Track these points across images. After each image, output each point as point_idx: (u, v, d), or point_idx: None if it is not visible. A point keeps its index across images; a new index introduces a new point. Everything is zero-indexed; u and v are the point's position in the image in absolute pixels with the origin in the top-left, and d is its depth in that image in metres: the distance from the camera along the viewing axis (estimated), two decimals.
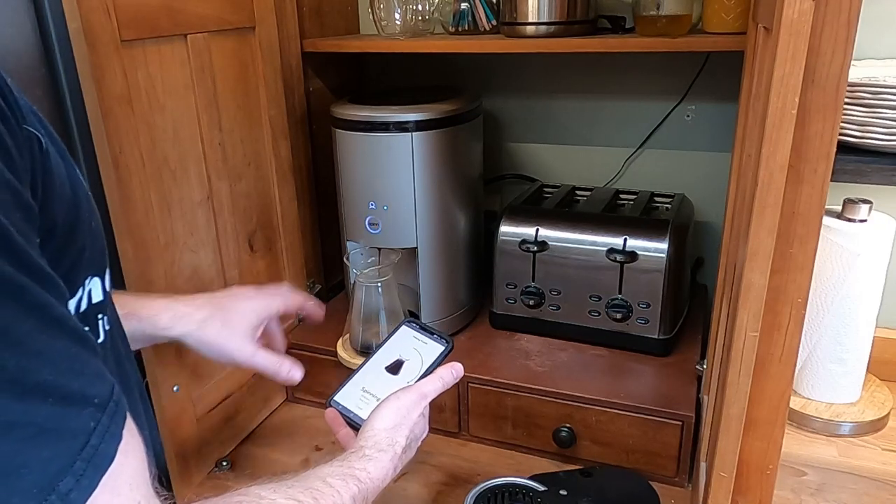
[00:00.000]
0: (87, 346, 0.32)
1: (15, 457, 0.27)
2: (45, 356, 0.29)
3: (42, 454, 0.28)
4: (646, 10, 0.95)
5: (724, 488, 0.57)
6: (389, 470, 0.62)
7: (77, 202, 0.38)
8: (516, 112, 1.27)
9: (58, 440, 0.28)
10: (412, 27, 1.11)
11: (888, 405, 0.95)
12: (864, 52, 0.91)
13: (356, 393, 0.73)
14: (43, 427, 0.28)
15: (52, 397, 0.29)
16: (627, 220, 1.01)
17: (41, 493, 0.27)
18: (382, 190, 0.99)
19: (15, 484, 0.27)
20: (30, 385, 0.28)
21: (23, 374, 0.28)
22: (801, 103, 0.44)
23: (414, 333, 0.79)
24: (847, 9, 0.42)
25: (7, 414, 0.27)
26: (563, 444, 0.93)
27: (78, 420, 0.29)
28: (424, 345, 0.78)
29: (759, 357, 0.52)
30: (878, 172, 0.56)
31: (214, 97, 0.91)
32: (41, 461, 0.28)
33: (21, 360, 0.28)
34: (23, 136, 0.32)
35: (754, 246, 0.48)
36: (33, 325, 0.28)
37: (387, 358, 0.77)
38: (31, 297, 0.29)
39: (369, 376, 0.75)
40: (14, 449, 0.27)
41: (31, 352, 0.28)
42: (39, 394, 0.28)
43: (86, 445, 0.29)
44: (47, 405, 0.28)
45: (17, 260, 0.28)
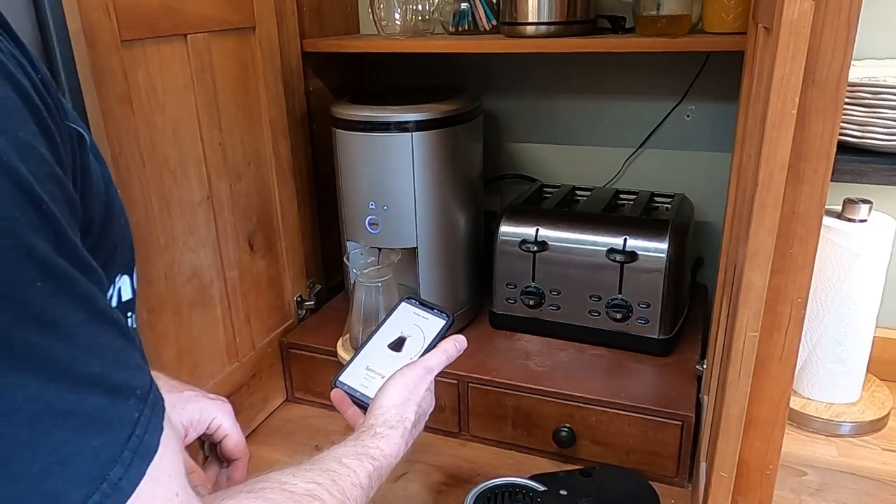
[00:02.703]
0: (128, 339, 0.32)
1: (68, 445, 0.28)
2: (93, 348, 0.29)
3: (92, 443, 0.29)
4: (646, 10, 0.95)
5: (724, 488, 0.57)
6: (401, 446, 0.62)
7: (110, 200, 0.38)
8: (516, 112, 1.27)
9: (107, 430, 0.29)
10: (412, 27, 1.11)
11: (888, 405, 0.95)
12: (864, 52, 0.91)
13: (361, 372, 0.73)
14: (93, 417, 0.29)
15: (101, 388, 0.29)
16: (627, 220, 1.01)
17: (94, 482, 0.28)
18: (382, 190, 0.99)
19: (69, 471, 0.28)
20: (81, 376, 0.29)
21: (74, 365, 0.28)
22: (801, 103, 0.44)
23: (414, 310, 0.79)
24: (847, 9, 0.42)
25: (60, 403, 0.28)
26: (563, 444, 0.94)
27: (124, 411, 0.30)
28: (425, 320, 0.78)
29: (759, 357, 0.52)
30: (878, 172, 0.56)
31: (214, 97, 0.91)
32: (92, 450, 0.28)
33: (73, 350, 0.28)
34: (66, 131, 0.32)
35: (754, 246, 0.48)
36: (83, 317, 0.29)
37: (389, 335, 0.76)
38: (80, 289, 0.29)
39: (373, 355, 0.75)
40: (67, 438, 0.28)
41: (82, 343, 0.29)
42: (89, 384, 0.29)
43: (132, 435, 0.30)
44: (96, 396, 0.29)
45: (67, 252, 0.29)
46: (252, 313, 1.04)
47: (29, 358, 0.27)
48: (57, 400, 0.27)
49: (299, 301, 1.15)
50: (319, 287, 1.20)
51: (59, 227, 0.28)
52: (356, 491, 0.53)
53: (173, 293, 0.87)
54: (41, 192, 0.28)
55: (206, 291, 0.93)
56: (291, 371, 1.11)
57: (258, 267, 1.05)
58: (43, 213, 0.28)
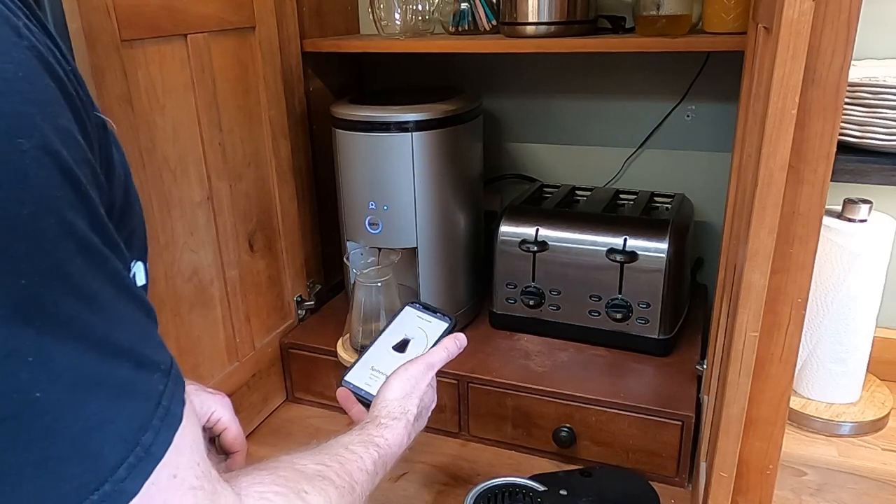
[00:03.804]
0: (150, 317, 0.34)
1: (103, 412, 0.29)
2: (123, 322, 0.31)
3: (125, 411, 0.30)
4: (646, 10, 0.95)
5: (724, 488, 0.57)
6: (404, 436, 0.65)
7: (128, 187, 0.40)
8: (516, 112, 1.27)
9: (137, 399, 0.31)
10: (412, 27, 1.11)
11: (888, 405, 0.95)
12: (864, 52, 0.91)
13: (366, 372, 0.76)
14: (124, 387, 0.31)
15: (130, 361, 0.31)
16: (627, 220, 1.01)
17: (128, 446, 0.30)
18: (382, 190, 0.99)
19: (105, 436, 0.29)
20: (114, 348, 0.30)
21: (108, 337, 0.30)
22: (801, 103, 0.44)
23: (417, 313, 0.82)
24: (847, 9, 0.42)
25: (96, 373, 0.29)
26: (563, 444, 0.93)
27: (150, 383, 0.32)
28: (428, 323, 0.81)
29: (759, 357, 0.52)
30: (878, 172, 0.56)
31: (214, 97, 0.91)
32: (125, 417, 0.30)
33: (106, 324, 0.30)
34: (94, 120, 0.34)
35: (754, 246, 0.48)
36: (114, 292, 0.31)
37: (393, 338, 0.79)
38: (111, 265, 0.31)
39: (377, 356, 0.78)
40: (102, 405, 0.29)
41: (114, 317, 0.31)
42: (121, 356, 0.31)
43: (159, 405, 0.32)
44: (126, 368, 0.31)
45: (101, 231, 0.31)
46: (252, 313, 1.04)
47: (70, 329, 0.28)
48: (93, 369, 0.29)
49: (299, 301, 1.15)
50: (319, 287, 1.20)
51: (94, 208, 0.30)
52: (362, 476, 0.56)
53: (173, 293, 0.87)
54: (79, 174, 0.30)
55: (206, 291, 0.93)
56: (291, 371, 1.11)
57: (258, 267, 1.05)
58: (81, 193, 0.29)
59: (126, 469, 0.30)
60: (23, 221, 0.27)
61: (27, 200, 0.27)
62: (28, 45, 0.29)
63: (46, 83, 0.29)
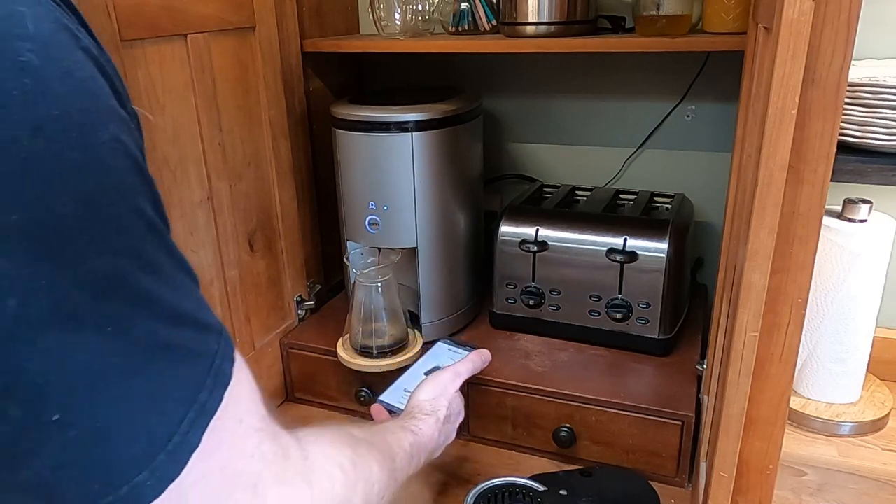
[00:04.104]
0: (196, 284, 0.37)
1: (169, 373, 0.33)
2: (183, 290, 0.35)
3: (185, 372, 0.34)
4: (646, 10, 0.95)
5: (724, 488, 0.57)
6: (435, 431, 0.73)
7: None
8: (516, 112, 1.27)
9: (195, 360, 0.34)
10: (412, 27, 1.11)
11: (888, 405, 0.95)
12: (864, 52, 0.91)
13: (399, 392, 0.88)
14: (186, 349, 0.34)
15: (190, 324, 0.35)
16: (627, 220, 1.01)
17: (186, 404, 0.33)
18: (382, 190, 0.99)
19: (170, 393, 0.33)
20: (178, 313, 0.34)
21: (174, 306, 0.34)
22: (801, 103, 0.44)
23: (448, 347, 0.96)
24: (847, 9, 0.42)
25: (165, 339, 0.33)
26: (563, 444, 0.93)
27: (206, 344, 0.35)
28: (458, 354, 0.93)
29: (759, 357, 0.52)
30: (878, 172, 0.56)
31: (214, 97, 0.91)
32: (185, 378, 0.34)
33: (172, 294, 0.33)
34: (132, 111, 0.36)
35: (754, 246, 0.48)
36: (173, 265, 0.34)
37: (426, 366, 0.92)
38: (168, 241, 0.34)
39: (410, 379, 0.89)
40: (168, 367, 0.33)
41: (176, 287, 0.34)
42: (183, 321, 0.34)
43: (212, 365, 0.35)
44: (188, 330, 0.34)
45: (158, 211, 0.34)
46: (252, 313, 1.04)
47: (144, 299, 0.32)
48: (163, 335, 0.33)
49: (299, 301, 1.15)
50: (319, 287, 1.20)
51: (154, 190, 0.34)
52: (401, 451, 0.63)
53: None
54: (141, 160, 0.33)
55: (206, 291, 0.93)
56: (291, 371, 1.11)
57: (258, 267, 1.05)
58: (145, 178, 0.33)
59: (188, 424, 0.33)
60: (106, 207, 0.30)
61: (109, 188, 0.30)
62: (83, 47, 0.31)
63: (102, 81, 0.32)
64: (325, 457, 0.47)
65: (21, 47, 0.28)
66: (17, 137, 0.27)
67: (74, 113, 0.29)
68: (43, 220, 0.28)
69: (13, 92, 0.27)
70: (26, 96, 0.28)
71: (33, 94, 0.28)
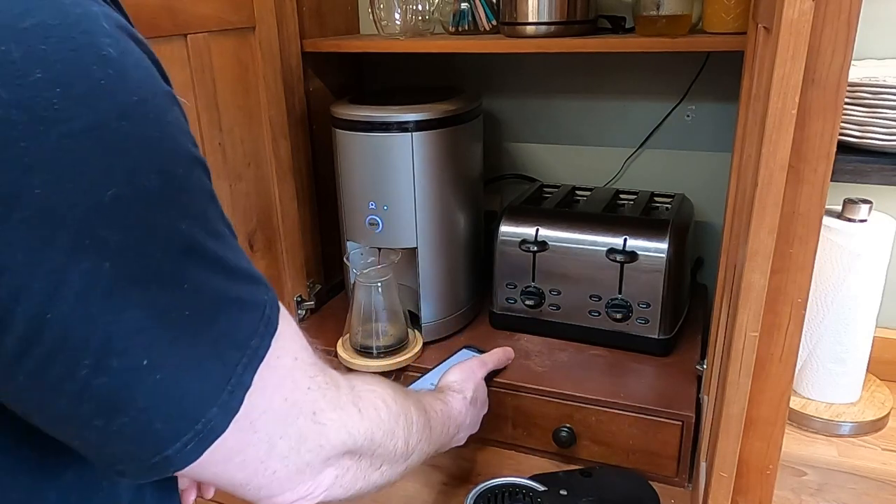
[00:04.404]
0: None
1: (230, 323, 0.37)
2: (237, 250, 0.39)
3: (242, 320, 0.38)
4: (646, 10, 0.95)
5: (724, 488, 0.57)
6: (463, 407, 0.76)
7: None
8: (516, 112, 1.27)
9: (250, 310, 0.39)
10: (412, 27, 1.11)
11: (888, 405, 0.95)
12: (864, 52, 0.91)
13: (426, 386, 0.91)
14: (243, 301, 0.38)
15: (246, 279, 0.39)
16: (627, 220, 1.01)
17: (241, 350, 0.38)
18: (382, 190, 0.99)
19: (230, 341, 0.37)
20: (237, 270, 0.38)
21: (233, 262, 0.38)
22: (801, 103, 0.44)
23: (472, 353, 1.00)
24: (847, 9, 0.42)
25: (229, 292, 0.37)
26: (563, 444, 0.93)
27: (258, 296, 0.40)
28: None
29: (759, 357, 0.52)
30: (878, 172, 0.56)
31: (214, 97, 0.91)
32: (241, 326, 0.38)
33: (231, 251, 0.38)
34: None
35: (754, 246, 0.48)
36: (226, 228, 0.39)
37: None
38: (220, 210, 0.39)
39: (435, 377, 0.91)
40: (230, 317, 0.37)
41: (232, 245, 0.39)
42: (241, 276, 0.38)
43: (263, 315, 0.39)
44: (244, 284, 0.39)
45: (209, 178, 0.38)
46: None
47: (212, 259, 0.36)
48: (226, 289, 0.37)
49: (299, 301, 1.15)
50: (319, 287, 1.20)
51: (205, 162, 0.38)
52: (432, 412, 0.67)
53: None
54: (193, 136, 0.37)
55: None
56: None
57: (258, 267, 1.04)
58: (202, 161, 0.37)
59: (242, 367, 0.38)
60: (179, 179, 0.34)
61: (180, 162, 0.34)
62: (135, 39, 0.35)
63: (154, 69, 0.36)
64: (369, 390, 0.53)
65: (103, 42, 0.31)
66: (107, 122, 0.31)
67: (149, 97, 0.33)
68: (133, 193, 0.32)
69: (101, 82, 0.31)
70: (112, 85, 0.31)
71: (117, 83, 0.31)
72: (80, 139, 0.30)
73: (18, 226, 0.29)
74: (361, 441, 0.49)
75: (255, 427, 0.39)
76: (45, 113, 0.29)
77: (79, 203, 0.30)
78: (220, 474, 0.40)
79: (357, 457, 0.50)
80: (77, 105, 0.30)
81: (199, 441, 0.36)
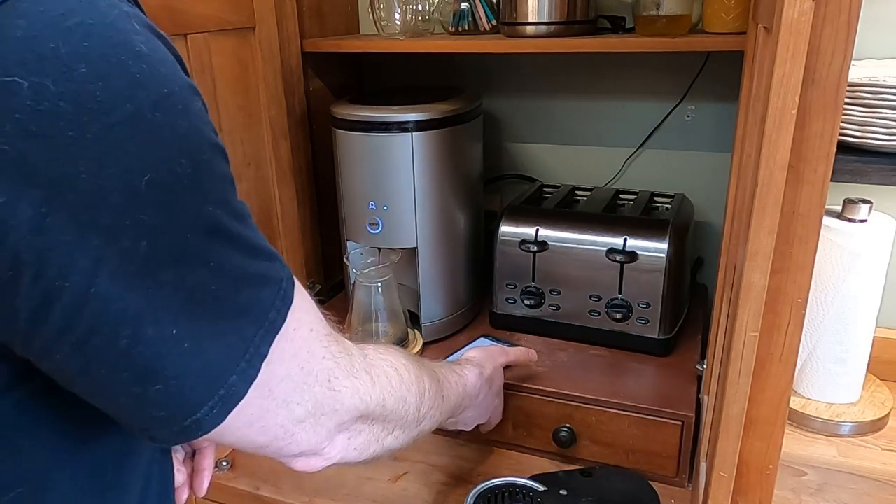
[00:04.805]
0: None
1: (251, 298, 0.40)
2: (255, 229, 0.41)
3: (261, 295, 0.41)
4: (646, 10, 0.95)
5: (724, 488, 0.57)
6: (476, 382, 0.77)
7: None
8: (516, 112, 1.27)
9: (269, 286, 0.41)
10: (412, 27, 1.11)
11: (888, 405, 0.95)
12: (864, 52, 0.91)
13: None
14: (262, 277, 0.41)
15: (265, 257, 0.41)
16: (627, 220, 1.01)
17: (259, 322, 0.40)
18: (382, 190, 0.99)
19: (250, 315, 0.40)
20: (257, 249, 0.41)
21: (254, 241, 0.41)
22: (801, 103, 0.44)
23: (489, 342, 1.03)
24: (847, 9, 0.42)
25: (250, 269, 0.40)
26: (563, 444, 0.93)
27: (276, 272, 0.42)
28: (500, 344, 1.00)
29: (759, 357, 0.52)
30: (878, 172, 0.56)
31: (214, 97, 0.91)
32: (261, 300, 0.41)
33: (251, 231, 0.40)
34: None
35: (754, 246, 0.48)
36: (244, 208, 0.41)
37: None
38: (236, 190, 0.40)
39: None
40: (250, 293, 0.40)
41: (251, 225, 0.41)
42: (260, 254, 0.41)
43: (280, 289, 0.42)
44: (263, 261, 0.41)
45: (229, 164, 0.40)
46: None
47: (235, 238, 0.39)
48: (247, 266, 0.39)
49: None
50: (319, 287, 1.20)
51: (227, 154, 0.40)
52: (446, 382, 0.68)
53: None
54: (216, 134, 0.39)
55: None
56: None
57: None
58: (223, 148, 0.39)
59: (259, 338, 0.40)
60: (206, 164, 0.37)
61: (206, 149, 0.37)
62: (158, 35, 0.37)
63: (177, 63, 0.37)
64: (381, 359, 0.56)
65: (136, 40, 0.34)
66: (142, 112, 0.33)
67: (177, 90, 0.35)
68: (167, 178, 0.34)
69: (137, 76, 0.33)
70: (146, 79, 0.33)
71: (149, 76, 0.34)
72: (120, 129, 0.32)
73: (67, 209, 0.31)
74: (374, 406, 0.52)
75: (274, 394, 0.42)
76: (89, 104, 0.31)
77: (119, 187, 0.33)
78: (243, 438, 0.43)
79: (370, 421, 0.53)
80: (117, 97, 0.32)
81: (224, 405, 0.39)
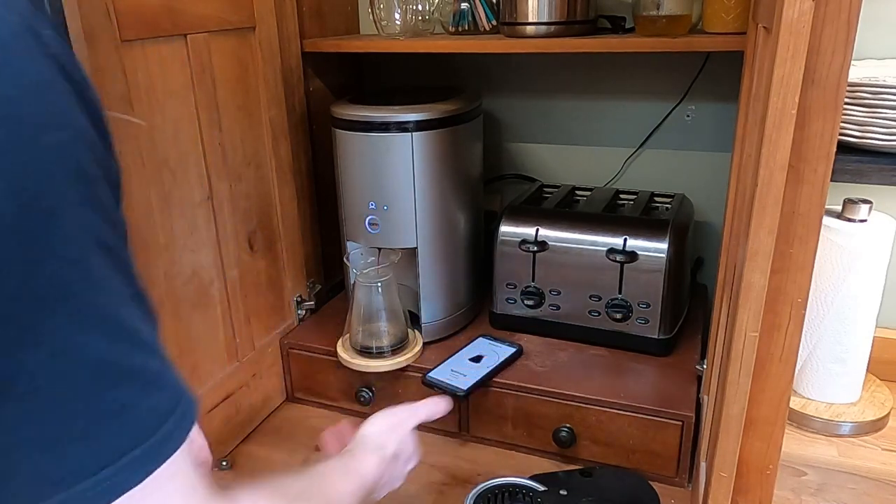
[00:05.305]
0: (155, 322, 0.38)
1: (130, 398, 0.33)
2: (146, 320, 0.35)
3: (149, 401, 0.34)
4: (646, 10, 0.95)
5: (724, 488, 0.57)
6: (374, 471, 0.66)
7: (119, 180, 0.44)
8: (516, 112, 1.27)
9: (163, 392, 0.35)
10: (412, 27, 1.11)
11: (888, 405, 0.95)
12: (864, 52, 0.91)
13: (447, 371, 0.96)
14: (154, 379, 0.35)
15: (157, 357, 0.35)
16: (627, 220, 1.01)
17: (143, 435, 0.33)
18: (382, 190, 0.99)
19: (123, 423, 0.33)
20: (154, 347, 0.35)
21: (151, 341, 0.35)
22: (801, 103, 0.44)
23: (488, 342, 1.04)
24: (847, 9, 0.42)
25: (147, 365, 0.34)
26: (563, 444, 0.93)
27: (173, 379, 0.36)
28: (499, 347, 1.02)
29: (759, 357, 0.52)
30: (878, 172, 0.56)
31: (214, 97, 0.91)
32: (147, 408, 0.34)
33: (150, 329, 0.35)
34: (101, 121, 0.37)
35: (754, 246, 0.48)
36: (135, 292, 0.35)
37: (469, 353, 1.00)
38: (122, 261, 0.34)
39: (456, 363, 0.98)
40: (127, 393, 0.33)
41: (150, 319, 0.35)
42: (158, 355, 0.35)
43: (179, 403, 0.36)
44: (156, 362, 0.35)
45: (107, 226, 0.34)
46: (252, 313, 1.04)
47: (93, 316, 0.31)
48: (144, 364, 0.34)
49: (299, 301, 1.15)
50: (319, 287, 1.20)
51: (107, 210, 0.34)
52: (342, 498, 0.59)
53: (173, 293, 0.87)
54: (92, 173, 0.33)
55: (206, 292, 0.93)
56: (291, 371, 1.11)
57: (258, 267, 1.05)
58: (93, 192, 0.33)
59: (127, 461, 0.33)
60: (44, 212, 0.29)
61: (50, 194, 0.30)
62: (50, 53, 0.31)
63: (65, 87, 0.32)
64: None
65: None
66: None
67: (24, 115, 0.29)
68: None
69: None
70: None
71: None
72: None
73: None
74: None
75: None
76: None
77: None
78: None
79: None
80: None
81: None
